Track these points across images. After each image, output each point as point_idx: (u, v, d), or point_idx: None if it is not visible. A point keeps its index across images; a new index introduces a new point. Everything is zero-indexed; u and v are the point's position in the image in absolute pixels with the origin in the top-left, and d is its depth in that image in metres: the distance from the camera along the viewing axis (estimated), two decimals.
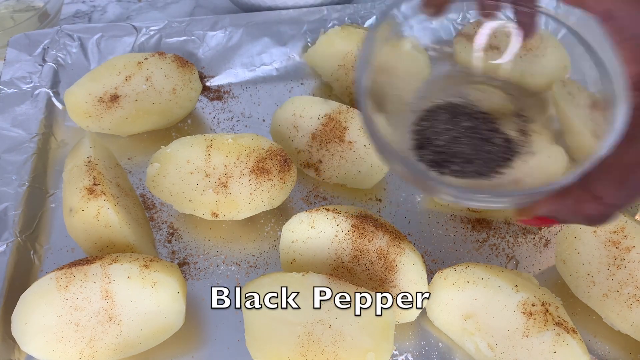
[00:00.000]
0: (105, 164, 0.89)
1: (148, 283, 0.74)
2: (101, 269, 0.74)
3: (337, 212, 0.80)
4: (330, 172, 0.95)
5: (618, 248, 0.77)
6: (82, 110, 0.98)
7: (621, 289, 0.76)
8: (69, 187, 0.84)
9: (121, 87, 0.99)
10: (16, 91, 1.04)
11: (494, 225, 0.93)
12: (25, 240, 0.87)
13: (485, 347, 0.75)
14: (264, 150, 0.88)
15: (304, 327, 0.71)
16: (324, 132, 0.93)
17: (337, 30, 1.06)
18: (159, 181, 0.87)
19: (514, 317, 0.72)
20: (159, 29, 1.15)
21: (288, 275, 0.74)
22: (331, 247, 0.80)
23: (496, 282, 0.74)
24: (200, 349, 0.80)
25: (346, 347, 0.70)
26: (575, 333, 0.71)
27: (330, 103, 0.95)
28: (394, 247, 0.78)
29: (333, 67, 1.07)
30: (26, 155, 0.96)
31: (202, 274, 0.87)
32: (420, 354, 0.79)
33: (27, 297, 0.73)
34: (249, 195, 0.86)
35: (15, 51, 1.09)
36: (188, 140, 0.89)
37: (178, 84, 1.00)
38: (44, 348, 0.73)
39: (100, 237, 0.81)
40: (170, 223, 0.92)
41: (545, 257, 0.89)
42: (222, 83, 1.14)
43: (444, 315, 0.79)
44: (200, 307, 0.83)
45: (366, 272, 0.79)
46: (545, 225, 0.82)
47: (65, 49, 1.11)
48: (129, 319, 0.74)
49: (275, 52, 1.16)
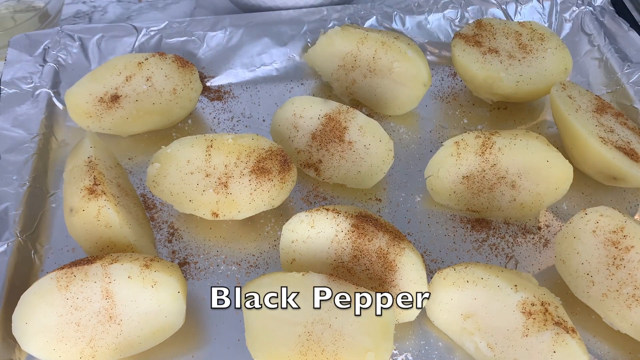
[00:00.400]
0: (105, 164, 0.89)
1: (148, 283, 0.74)
2: (102, 269, 0.74)
3: (337, 212, 0.80)
4: (330, 172, 0.95)
5: (617, 248, 0.77)
6: (83, 111, 0.99)
7: (620, 289, 0.76)
8: (70, 187, 0.84)
9: (122, 87, 0.99)
10: (17, 91, 1.05)
11: (494, 225, 0.93)
12: (26, 240, 0.88)
13: (484, 346, 0.75)
14: (264, 150, 0.88)
15: (304, 327, 0.71)
16: (324, 132, 0.94)
17: (337, 30, 1.06)
18: (159, 181, 0.88)
19: (513, 316, 0.72)
20: (160, 30, 1.15)
21: (288, 275, 0.74)
22: (331, 247, 0.80)
23: (496, 282, 0.74)
24: (200, 349, 0.80)
25: (346, 347, 0.70)
26: (575, 333, 0.71)
27: (330, 103, 0.95)
28: (394, 247, 0.78)
29: (333, 67, 1.08)
30: (27, 155, 0.96)
31: (202, 274, 0.87)
32: (420, 353, 0.79)
33: (28, 297, 0.74)
34: (249, 195, 0.86)
35: (16, 51, 1.09)
36: (188, 140, 0.89)
37: (178, 84, 1.00)
38: (44, 348, 0.73)
39: (101, 237, 0.81)
40: (171, 223, 0.92)
41: (545, 257, 0.89)
42: (222, 83, 1.14)
43: (443, 315, 0.79)
44: (200, 307, 0.83)
45: (366, 272, 0.79)
46: None
47: (65, 49, 1.11)
48: (129, 318, 0.74)
49: (275, 53, 1.17)
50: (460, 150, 0.90)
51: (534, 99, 1.07)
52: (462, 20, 1.21)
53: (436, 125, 1.07)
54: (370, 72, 1.04)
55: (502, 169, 0.89)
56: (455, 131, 1.06)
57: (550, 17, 1.22)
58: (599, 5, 1.21)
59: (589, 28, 1.19)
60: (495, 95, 1.06)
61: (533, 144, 0.88)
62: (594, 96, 1.00)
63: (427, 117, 1.09)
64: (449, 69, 1.17)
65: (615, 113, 0.98)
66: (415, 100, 1.05)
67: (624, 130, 0.95)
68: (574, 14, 1.22)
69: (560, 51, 1.05)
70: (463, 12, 1.22)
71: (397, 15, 1.20)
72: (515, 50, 1.05)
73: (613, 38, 1.15)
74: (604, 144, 0.90)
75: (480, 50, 1.04)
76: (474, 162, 0.89)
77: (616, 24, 1.17)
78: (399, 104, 1.06)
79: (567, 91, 0.98)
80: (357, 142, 0.93)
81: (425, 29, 1.21)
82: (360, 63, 1.05)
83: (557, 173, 0.88)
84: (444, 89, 1.13)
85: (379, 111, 1.08)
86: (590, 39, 1.18)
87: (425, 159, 1.00)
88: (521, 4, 1.22)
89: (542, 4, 1.23)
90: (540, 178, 0.89)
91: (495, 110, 1.10)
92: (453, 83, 1.15)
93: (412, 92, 1.04)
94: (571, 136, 0.94)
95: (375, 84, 1.05)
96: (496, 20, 1.10)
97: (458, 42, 1.06)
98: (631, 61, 1.11)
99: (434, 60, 1.19)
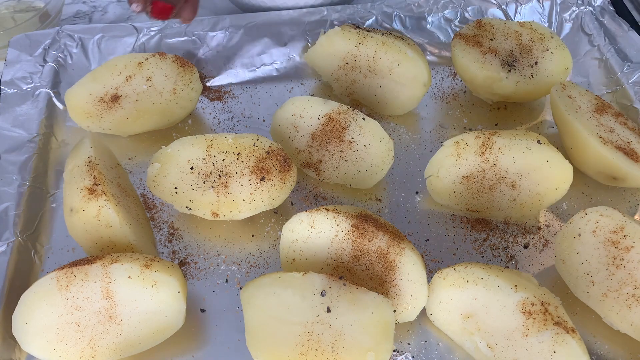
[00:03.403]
0: (105, 164, 0.89)
1: (148, 283, 0.74)
2: (102, 269, 0.74)
3: (337, 212, 0.80)
4: (330, 172, 0.95)
5: (617, 248, 0.77)
6: (83, 111, 0.99)
7: (620, 289, 0.76)
8: (70, 187, 0.84)
9: (122, 87, 0.99)
10: (17, 91, 1.05)
11: (494, 225, 0.93)
12: (26, 240, 0.88)
13: (484, 346, 0.75)
14: (264, 150, 0.88)
15: (304, 327, 0.71)
16: (324, 132, 0.94)
17: (337, 31, 1.06)
18: (159, 181, 0.88)
19: (513, 316, 0.72)
20: (160, 30, 1.15)
21: (288, 275, 0.74)
22: (331, 247, 0.80)
23: (496, 282, 0.74)
24: (200, 349, 0.80)
25: (346, 347, 0.70)
26: (575, 333, 0.71)
27: (330, 103, 0.95)
28: (394, 247, 0.78)
29: (333, 67, 1.08)
30: (27, 155, 0.96)
31: (202, 274, 0.87)
32: (420, 353, 0.79)
33: (28, 297, 0.74)
34: (249, 195, 0.86)
35: (16, 51, 1.09)
36: (188, 140, 0.89)
37: (178, 84, 1.00)
38: (44, 348, 0.73)
39: (101, 237, 0.81)
40: (171, 223, 0.92)
41: (545, 257, 0.89)
42: (222, 83, 1.14)
43: (443, 314, 0.79)
44: (201, 307, 0.83)
45: (366, 271, 0.79)
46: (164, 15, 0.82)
47: (66, 49, 1.11)
48: (129, 318, 0.74)
49: (276, 53, 1.17)
50: (460, 150, 0.90)
51: (534, 99, 1.07)
52: (462, 21, 1.21)
53: (436, 125, 1.07)
54: (370, 72, 1.04)
55: (502, 169, 0.89)
56: (455, 131, 1.06)
57: (550, 17, 1.22)
58: (599, 5, 1.21)
59: (589, 28, 1.19)
60: (495, 95, 1.06)
61: (533, 144, 0.88)
62: (594, 96, 1.00)
63: (427, 117, 1.09)
64: (449, 69, 1.17)
65: (615, 113, 0.98)
66: (415, 100, 1.05)
67: (624, 130, 0.95)
68: (574, 14, 1.22)
69: (560, 51, 1.05)
70: (463, 12, 1.22)
71: (397, 15, 1.20)
72: (515, 50, 1.05)
73: (613, 38, 1.15)
74: (604, 144, 0.90)
75: (480, 50, 1.04)
76: (474, 162, 0.89)
77: (616, 24, 1.17)
78: (399, 104, 1.06)
79: (567, 91, 0.98)
80: (357, 142, 0.93)
81: (425, 29, 1.21)
82: (360, 63, 1.05)
83: (557, 173, 0.88)
84: (444, 89, 1.13)
85: (379, 111, 1.08)
86: (590, 39, 1.18)
87: (425, 159, 1.00)
88: (521, 4, 1.22)
89: (542, 4, 1.23)
90: (540, 178, 0.89)
91: (495, 110, 1.10)
92: (453, 83, 1.15)
93: (412, 92, 1.04)
94: (571, 136, 0.94)
95: (375, 84, 1.05)
96: (496, 20, 1.10)
97: (458, 42, 1.06)
98: (631, 61, 1.11)
99: (434, 60, 1.19)
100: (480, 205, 0.92)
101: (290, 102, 0.96)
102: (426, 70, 1.02)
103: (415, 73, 1.02)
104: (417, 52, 1.03)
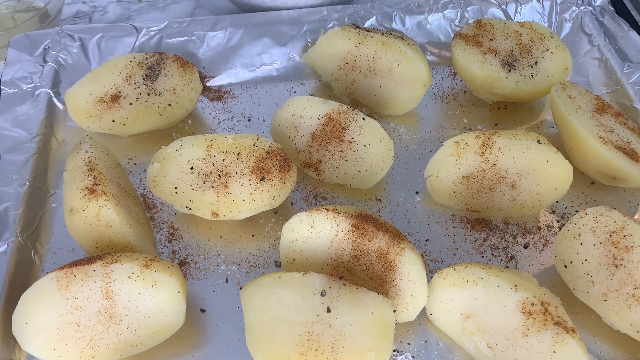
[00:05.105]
0: (105, 164, 0.89)
1: (148, 283, 0.74)
2: (102, 269, 0.74)
3: (337, 212, 0.80)
4: (330, 172, 0.95)
5: (617, 248, 0.77)
6: (83, 111, 0.99)
7: (620, 289, 0.76)
8: (70, 187, 0.84)
9: (122, 87, 0.99)
10: (17, 91, 1.05)
11: (494, 225, 0.93)
12: (26, 240, 0.88)
13: (484, 346, 0.75)
14: (264, 150, 0.88)
15: (304, 327, 0.71)
16: (324, 132, 0.94)
17: (337, 31, 1.06)
18: (159, 181, 0.88)
19: (513, 316, 0.73)
20: (160, 30, 1.15)
21: (288, 275, 0.74)
22: (331, 247, 0.80)
23: (496, 282, 0.74)
24: (200, 348, 0.80)
25: (346, 347, 0.70)
26: (575, 333, 0.71)
27: (330, 103, 0.95)
28: (394, 247, 0.78)
29: (333, 67, 1.08)
30: (27, 155, 0.96)
31: (202, 274, 0.87)
32: (420, 353, 0.79)
33: (28, 297, 0.74)
34: (249, 195, 0.86)
35: (16, 51, 1.09)
36: (188, 140, 0.89)
37: (178, 84, 1.00)
38: (44, 347, 0.73)
39: (101, 237, 0.81)
40: (171, 223, 0.92)
41: (545, 257, 0.89)
42: (222, 83, 1.14)
43: (443, 314, 0.79)
44: (201, 307, 0.83)
45: (366, 271, 0.79)
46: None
47: (66, 49, 1.11)
48: (129, 318, 0.74)
49: (276, 53, 1.17)
50: (460, 150, 0.90)
51: (534, 99, 1.07)
52: (462, 20, 1.21)
53: (436, 125, 1.07)
54: (370, 72, 1.04)
55: (502, 169, 0.89)
56: (455, 131, 1.06)
57: (550, 17, 1.22)
58: (599, 5, 1.21)
59: (589, 28, 1.19)
60: (495, 95, 1.06)
61: (533, 143, 0.88)
62: (594, 96, 1.00)
63: (427, 117, 1.09)
64: (449, 69, 1.17)
65: (615, 113, 0.98)
66: (415, 100, 1.05)
67: (624, 130, 0.95)
68: (574, 14, 1.22)
69: (560, 51, 1.05)
70: (463, 12, 1.22)
71: (397, 15, 1.20)
72: (515, 50, 1.05)
73: (613, 38, 1.15)
74: (604, 144, 0.90)
75: (480, 50, 1.04)
76: (474, 162, 0.89)
77: (616, 24, 1.17)
78: (399, 104, 1.06)
79: (567, 91, 0.98)
80: (357, 142, 0.93)
81: (425, 29, 1.21)
82: (360, 63, 1.05)
83: (557, 173, 0.88)
84: (444, 89, 1.14)
85: (379, 111, 1.08)
86: (590, 39, 1.18)
87: (425, 159, 1.00)
88: (521, 4, 1.22)
89: (542, 4, 1.23)
90: (540, 178, 0.89)
91: (495, 110, 1.10)
92: (453, 83, 1.15)
93: (412, 92, 1.04)
94: (571, 136, 0.94)
95: (375, 84, 1.05)
96: (496, 20, 1.10)
97: (458, 42, 1.06)
98: (631, 61, 1.11)
99: (434, 60, 1.19)
100: (480, 205, 0.92)
101: (290, 102, 0.96)
102: (426, 70, 1.02)
103: (415, 73, 1.02)
104: (417, 52, 1.03)
